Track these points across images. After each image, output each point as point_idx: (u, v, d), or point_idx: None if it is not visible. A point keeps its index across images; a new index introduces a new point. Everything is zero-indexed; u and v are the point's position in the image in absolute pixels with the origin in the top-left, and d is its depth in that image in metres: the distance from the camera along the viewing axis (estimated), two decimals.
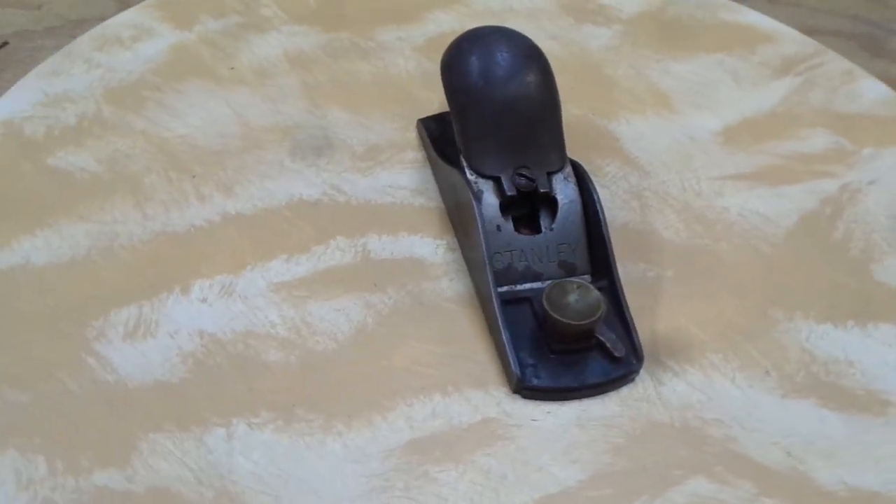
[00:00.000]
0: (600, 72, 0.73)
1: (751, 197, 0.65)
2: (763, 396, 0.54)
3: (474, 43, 0.59)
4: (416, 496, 0.49)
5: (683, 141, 0.68)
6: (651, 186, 0.65)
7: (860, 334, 0.57)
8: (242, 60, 0.71)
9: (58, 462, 0.49)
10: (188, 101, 0.68)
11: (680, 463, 0.51)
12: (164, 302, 0.56)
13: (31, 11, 0.81)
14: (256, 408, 0.51)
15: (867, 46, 0.95)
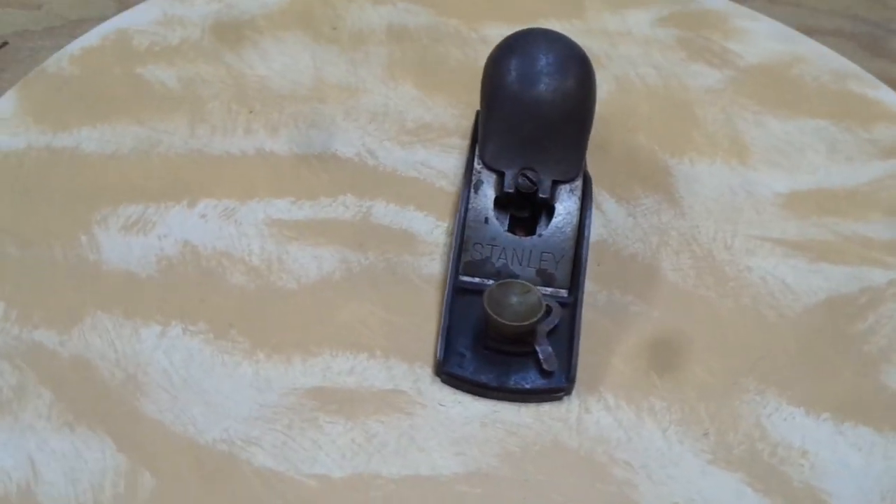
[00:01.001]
0: (689, 109, 0.71)
1: (783, 265, 0.61)
2: (688, 456, 0.52)
3: (521, 41, 0.60)
4: (293, 436, 0.51)
5: (739, 194, 0.65)
6: (680, 228, 0.63)
7: (831, 429, 0.53)
8: (347, 23, 0.75)
9: (13, 311, 0.55)
10: (281, 48, 0.73)
11: (565, 490, 0.50)
12: (168, 209, 0.61)
13: (31, 11, 0.81)
14: (197, 318, 0.55)
15: (867, 46, 0.92)
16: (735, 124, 0.70)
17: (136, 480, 0.48)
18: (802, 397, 0.54)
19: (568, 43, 0.60)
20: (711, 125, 0.70)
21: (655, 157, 0.67)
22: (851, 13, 0.95)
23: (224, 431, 0.51)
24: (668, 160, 0.67)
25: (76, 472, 0.48)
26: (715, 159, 0.67)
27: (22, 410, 0.50)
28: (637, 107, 0.70)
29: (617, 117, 0.69)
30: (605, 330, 0.56)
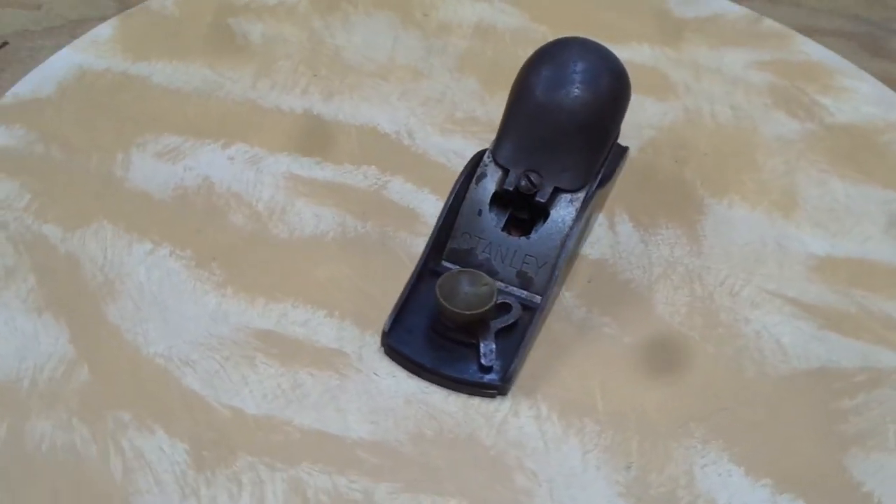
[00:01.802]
0: (750, 154, 0.69)
1: (786, 324, 0.58)
2: (600, 483, 0.51)
3: (559, 47, 0.60)
4: (225, 366, 0.53)
5: (769, 245, 0.63)
6: (689, 265, 0.61)
7: (766, 496, 0.51)
8: (440, 13, 0.77)
9: (34, 204, 0.61)
10: (368, 23, 0.76)
11: (461, 483, 0.50)
12: (203, 146, 0.65)
13: (31, 11, 0.80)
14: (187, 245, 0.59)
15: (867, 46, 0.90)
16: (794, 177, 0.67)
17: (73, 370, 0.52)
18: (748, 458, 0.52)
19: (605, 56, 0.59)
20: (768, 174, 0.67)
21: (694, 192, 0.65)
22: (851, 13, 0.93)
23: (168, 349, 0.54)
24: (707, 198, 0.65)
25: (27, 350, 0.53)
26: (757, 207, 0.65)
27: (5, 289, 0.56)
28: (696, 141, 0.69)
29: (670, 146, 0.68)
30: (569, 344, 0.56)
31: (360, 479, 0.49)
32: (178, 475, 0.48)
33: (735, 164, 0.67)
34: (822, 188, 0.66)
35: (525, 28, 0.76)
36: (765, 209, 0.65)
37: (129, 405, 0.51)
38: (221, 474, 0.49)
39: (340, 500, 0.48)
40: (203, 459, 0.49)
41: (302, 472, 0.49)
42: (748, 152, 0.68)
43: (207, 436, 0.50)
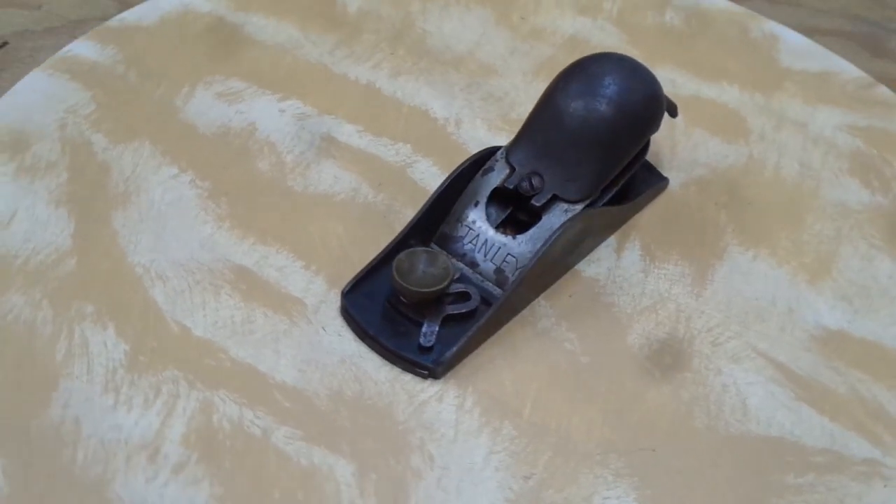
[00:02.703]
0: (798, 212, 0.65)
1: (759, 386, 0.56)
2: (492, 484, 0.50)
3: (598, 59, 0.60)
4: (193, 289, 0.57)
5: (779, 306, 0.60)
6: (683, 305, 0.59)
7: None
8: (537, 19, 0.78)
9: (95, 115, 0.67)
10: (463, 16, 0.78)
11: (359, 446, 0.51)
12: (261, 96, 0.69)
13: (31, 11, 0.80)
14: (208, 177, 0.63)
15: (867, 46, 0.90)
16: (839, 246, 0.63)
17: (63, 261, 0.58)
18: (655, 503, 0.49)
19: (641, 78, 0.58)
20: (811, 236, 0.63)
21: (721, 237, 0.63)
22: (851, 13, 0.93)
23: (150, 261, 0.58)
24: (732, 246, 0.62)
25: (34, 234, 0.59)
26: (783, 266, 0.61)
27: (39, 179, 0.62)
28: (747, 189, 0.66)
29: (717, 188, 0.66)
30: (523, 348, 0.56)
31: (265, 417, 0.51)
32: (109, 370, 0.52)
33: (778, 220, 0.64)
34: (866, 263, 0.62)
35: (618, 48, 0.75)
36: (790, 269, 0.61)
37: (94, 300, 0.55)
38: (146, 380, 0.52)
39: (239, 430, 0.50)
40: (136, 363, 0.53)
41: (216, 397, 0.52)
42: (798, 211, 0.65)
43: (149, 343, 0.54)
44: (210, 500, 0.48)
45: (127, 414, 0.51)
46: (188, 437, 0.50)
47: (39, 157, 0.63)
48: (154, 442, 0.50)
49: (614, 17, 0.78)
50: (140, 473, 0.48)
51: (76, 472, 0.48)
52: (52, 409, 0.50)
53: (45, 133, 0.64)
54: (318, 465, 0.49)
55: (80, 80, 0.68)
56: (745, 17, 0.79)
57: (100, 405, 0.51)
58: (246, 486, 0.48)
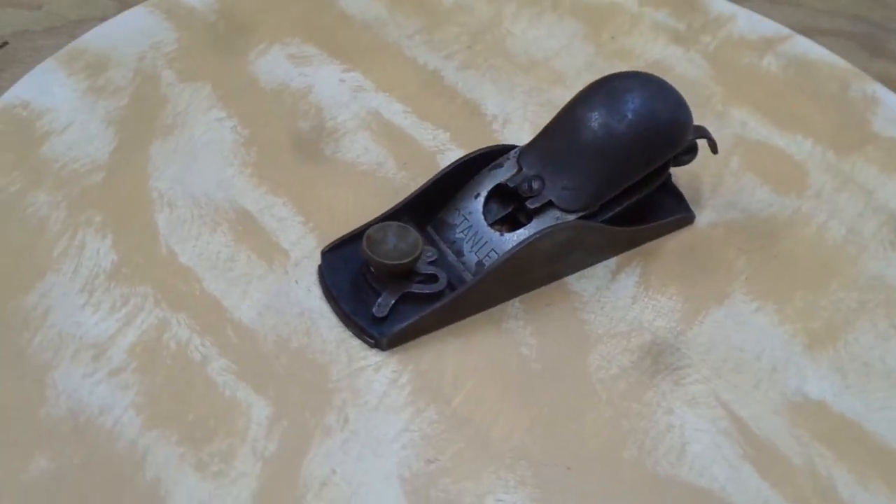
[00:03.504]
0: (827, 277, 0.62)
1: (707, 436, 0.53)
2: (393, 459, 0.51)
3: (628, 76, 0.59)
4: (194, 220, 0.61)
5: (763, 363, 0.57)
6: (659, 339, 0.57)
7: None
8: (627, 41, 0.78)
9: (174, 58, 0.72)
10: (553, 25, 0.78)
11: (282, 393, 0.53)
12: (328, 63, 0.73)
13: (31, 11, 0.79)
14: (248, 127, 0.67)
15: (867, 46, 0.90)
16: (857, 318, 0.59)
17: (92, 174, 0.63)
18: None
19: (667, 105, 0.57)
20: (829, 302, 0.60)
21: (729, 282, 0.61)
22: (851, 13, 0.93)
23: (167, 188, 0.62)
24: (738, 293, 0.60)
25: (78, 146, 0.64)
26: (785, 325, 0.59)
27: (103, 100, 0.68)
28: (779, 242, 0.63)
29: (746, 235, 0.64)
30: (479, 343, 0.56)
31: (210, 347, 0.54)
32: (92, 274, 0.57)
33: (800, 279, 0.61)
34: (880, 342, 0.58)
35: (699, 82, 0.74)
36: (792, 330, 0.58)
37: (105, 212, 0.60)
38: (120, 290, 0.56)
39: (182, 352, 0.54)
40: (118, 273, 0.57)
41: (174, 319, 0.55)
42: (826, 275, 0.61)
43: (136, 259, 0.58)
44: (129, 407, 0.51)
45: (91, 315, 0.55)
46: (135, 347, 0.54)
47: (111, 80, 0.68)
48: (104, 344, 0.53)
49: (709, 51, 0.76)
50: (81, 368, 0.52)
51: (28, 352, 0.53)
52: (30, 295, 0.55)
53: (124, 61, 0.70)
54: (239, 400, 0.52)
55: (174, 20, 0.74)
56: (849, 74, 0.75)
57: (72, 302, 0.55)
58: (166, 403, 0.51)
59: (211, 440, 0.50)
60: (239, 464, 0.49)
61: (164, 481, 0.48)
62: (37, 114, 0.65)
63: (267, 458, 0.50)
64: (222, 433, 0.50)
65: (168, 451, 0.49)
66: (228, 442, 0.50)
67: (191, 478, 0.49)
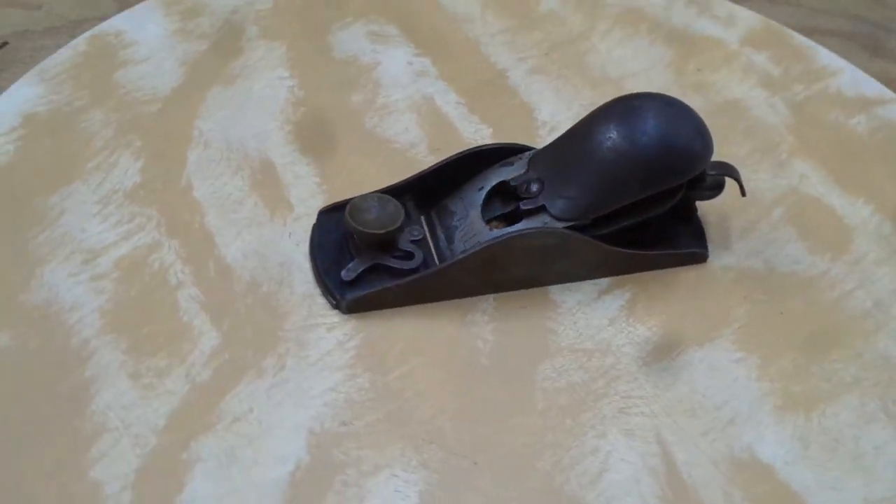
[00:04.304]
0: (828, 343, 0.58)
1: (630, 468, 0.52)
2: (311, 413, 0.53)
3: (654, 98, 0.58)
4: (221, 162, 0.65)
5: (722, 413, 0.54)
6: (620, 364, 0.56)
7: None
8: (712, 75, 0.76)
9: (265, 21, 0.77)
10: (641, 48, 0.76)
11: (234, 330, 0.56)
12: (402, 46, 0.75)
13: (31, 11, 0.79)
14: (303, 90, 0.71)
15: (867, 46, 0.90)
16: (844, 392, 0.56)
17: (151, 104, 0.68)
18: None
19: (683, 130, 0.56)
20: (821, 368, 0.57)
21: (718, 328, 0.59)
22: (851, 13, 0.93)
23: (209, 129, 0.67)
24: (724, 341, 0.58)
25: (148, 78, 0.70)
26: (763, 382, 0.56)
27: (185, 43, 0.73)
28: (793, 300, 0.60)
29: (760, 284, 0.61)
30: (438, 328, 0.57)
31: (188, 275, 0.58)
32: (113, 190, 0.62)
33: (798, 341, 0.58)
34: (861, 423, 0.54)
35: (772, 128, 0.71)
36: (768, 388, 0.56)
37: (147, 140, 0.65)
38: (131, 208, 0.61)
39: (162, 274, 0.58)
40: (135, 193, 0.62)
41: (167, 243, 0.59)
42: (829, 342, 0.58)
43: (155, 185, 0.63)
44: (95, 310, 0.55)
45: (98, 224, 0.60)
46: (122, 260, 0.58)
47: (200, 26, 0.74)
48: (97, 251, 0.58)
49: (796, 100, 0.73)
50: (69, 267, 0.57)
51: (30, 245, 0.58)
52: (54, 196, 0.61)
53: (218, 12, 0.75)
54: (194, 326, 0.55)
55: None
56: None
57: (86, 210, 0.60)
58: (129, 314, 0.55)
59: (154, 355, 0.53)
60: (169, 382, 0.52)
61: (98, 381, 0.52)
62: (124, 43, 0.71)
63: (196, 383, 0.52)
64: (166, 352, 0.53)
65: (113, 357, 0.53)
66: (168, 361, 0.53)
67: (122, 384, 0.52)
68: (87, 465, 0.49)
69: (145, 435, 0.50)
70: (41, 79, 0.68)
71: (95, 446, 0.49)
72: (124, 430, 0.50)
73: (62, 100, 0.67)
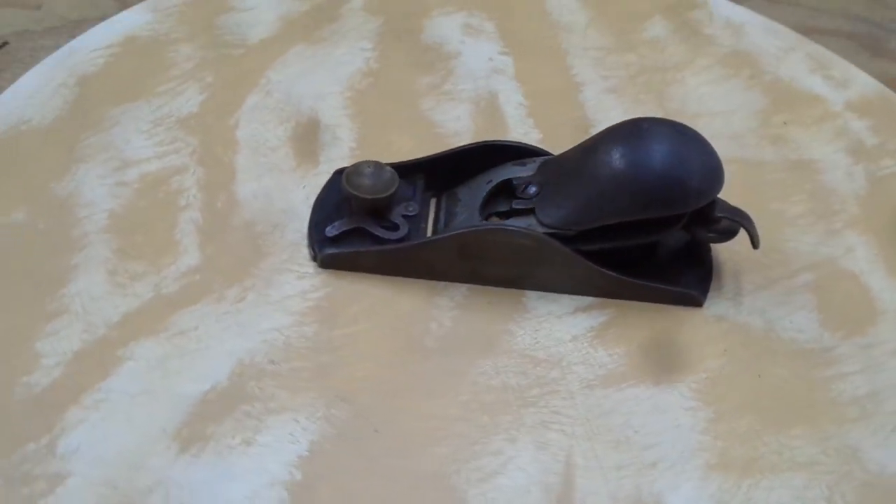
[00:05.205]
0: (796, 419, 0.55)
1: (523, 479, 0.51)
2: (243, 341, 0.56)
3: (662, 123, 0.57)
4: (274, 111, 0.69)
5: (646, 455, 0.53)
6: (563, 379, 0.55)
7: None
8: (797, 131, 0.72)
9: None
10: (733, 89, 0.75)
11: (216, 255, 0.59)
12: (493, 42, 0.77)
13: (31, 11, 0.78)
14: (378, 63, 0.74)
15: (867, 46, 0.93)
16: (792, 472, 0.53)
17: (238, 48, 0.74)
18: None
19: (687, 161, 0.54)
20: (777, 441, 0.54)
21: (686, 373, 0.56)
22: (851, 13, 0.95)
23: (276, 81, 0.71)
24: (683, 387, 0.56)
25: (243, 25, 0.76)
26: (707, 436, 0.54)
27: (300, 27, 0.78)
28: (778, 363, 0.57)
29: (752, 343, 0.58)
30: (400, 302, 0.58)
31: (197, 200, 0.62)
32: (168, 114, 0.68)
33: (763, 408, 0.55)
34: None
35: (837, 195, 0.67)
36: (708, 443, 0.53)
37: (218, 79, 0.71)
38: (176, 132, 0.67)
39: (175, 194, 0.62)
40: (186, 121, 0.67)
41: (193, 170, 0.64)
42: (797, 419, 0.55)
43: (207, 118, 0.68)
44: (105, 211, 0.61)
45: (142, 140, 0.65)
46: (148, 175, 0.63)
47: None
48: (131, 162, 0.64)
49: (877, 175, 0.68)
50: (101, 171, 0.63)
51: (78, 145, 0.65)
52: (116, 110, 0.67)
53: None
54: (182, 244, 0.59)
55: None
56: None
57: (137, 126, 0.66)
58: (131, 220, 0.60)
59: (136, 259, 0.58)
60: (139, 286, 0.57)
61: (79, 269, 0.57)
62: None
63: (161, 293, 0.56)
64: (148, 260, 0.58)
65: (101, 253, 0.58)
66: (146, 268, 0.58)
67: (98, 277, 0.57)
68: (37, 336, 0.53)
69: (97, 325, 0.54)
70: (154, 9, 0.75)
71: (52, 323, 0.54)
72: (82, 315, 0.55)
73: (162, 30, 0.73)
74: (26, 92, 0.67)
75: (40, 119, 0.66)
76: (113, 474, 0.49)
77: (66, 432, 0.50)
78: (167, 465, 0.49)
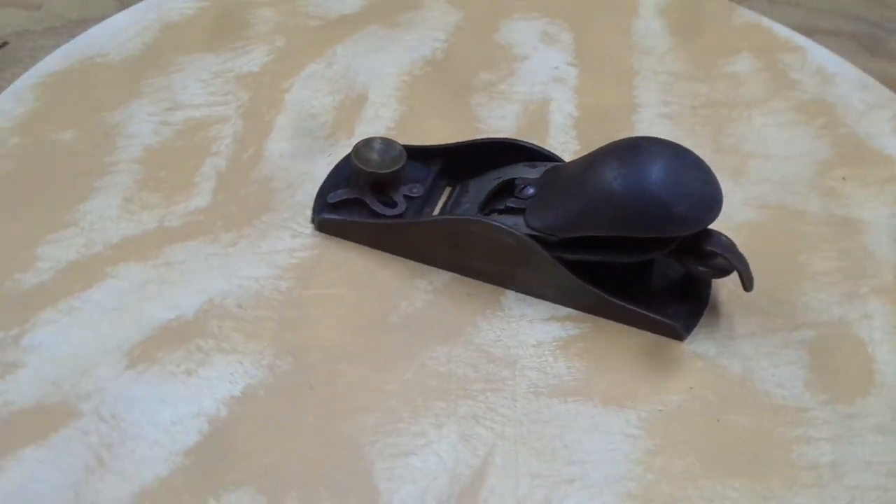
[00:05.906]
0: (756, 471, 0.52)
1: (435, 465, 0.52)
2: (214, 284, 0.59)
3: (664, 146, 0.55)
4: (319, 77, 0.72)
5: (566, 471, 0.53)
6: (513, 379, 0.54)
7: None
8: (854, 188, 0.69)
9: None
10: (802, 136, 0.71)
11: (215, 206, 0.63)
12: (562, 48, 0.78)
13: (31, 11, 0.75)
14: (445, 54, 0.76)
15: (867, 46, 0.91)
16: None
17: (312, 21, 0.77)
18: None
19: (681, 194, 0.53)
20: (725, 487, 0.53)
21: (641, 403, 0.55)
22: (851, 13, 0.94)
23: (344, 54, 0.74)
24: (632, 413, 0.55)
25: (332, 7, 0.79)
26: (636, 469, 0.53)
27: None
28: (745, 413, 0.55)
29: (722, 389, 0.56)
30: (380, 279, 0.59)
31: (228, 150, 0.66)
32: (231, 69, 0.72)
33: (710, 451, 0.53)
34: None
35: (875, 259, 0.63)
36: (637, 473, 0.52)
37: (288, 44, 0.74)
38: (230, 87, 0.70)
39: (211, 141, 0.66)
40: (243, 79, 0.71)
41: (233, 121, 0.68)
42: (743, 470, 0.53)
43: (264, 80, 0.71)
44: (142, 144, 0.65)
45: (198, 90, 0.70)
46: (192, 119, 0.68)
47: None
48: (181, 106, 0.68)
49: None
50: (152, 109, 0.68)
51: (140, 85, 0.70)
52: (185, 57, 0.72)
53: None
54: (198, 186, 0.63)
55: None
56: None
57: (198, 76, 0.71)
58: (161, 157, 0.65)
59: (152, 192, 0.62)
60: (146, 216, 0.61)
61: (99, 191, 0.62)
62: None
63: (163, 226, 0.60)
64: (163, 195, 0.62)
65: (124, 180, 0.63)
66: (158, 201, 0.62)
67: (113, 201, 0.61)
68: (40, 242, 0.58)
69: (96, 242, 0.59)
70: None
71: (58, 233, 0.59)
72: (87, 231, 0.59)
73: None
74: (114, 28, 0.73)
75: (116, 54, 0.71)
76: (61, 374, 0.52)
77: (35, 328, 0.54)
78: (111, 377, 0.52)
